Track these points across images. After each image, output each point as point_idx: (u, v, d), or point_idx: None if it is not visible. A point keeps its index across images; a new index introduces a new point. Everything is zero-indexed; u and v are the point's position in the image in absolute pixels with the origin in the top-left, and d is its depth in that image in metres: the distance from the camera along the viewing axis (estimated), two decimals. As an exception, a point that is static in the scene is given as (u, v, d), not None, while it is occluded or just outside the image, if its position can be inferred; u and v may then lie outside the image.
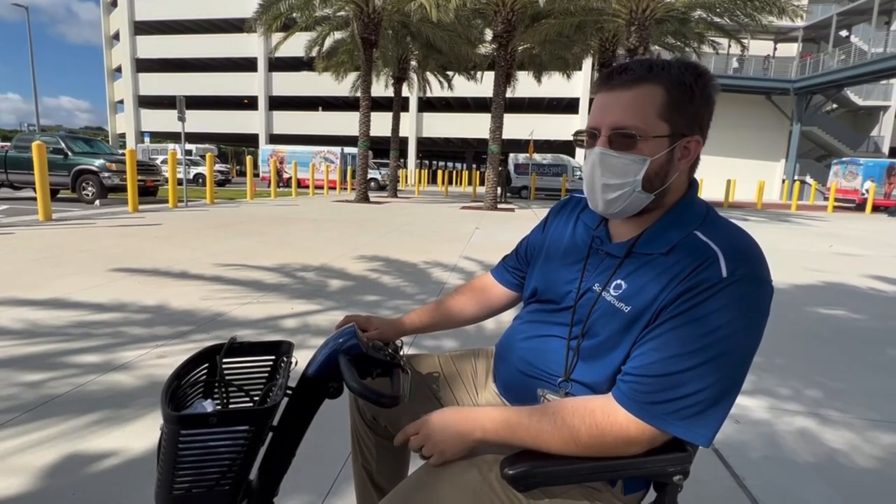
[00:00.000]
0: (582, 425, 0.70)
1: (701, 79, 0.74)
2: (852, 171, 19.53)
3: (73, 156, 11.13)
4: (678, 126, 0.74)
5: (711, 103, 0.76)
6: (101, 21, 38.56)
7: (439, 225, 8.79)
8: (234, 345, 0.89)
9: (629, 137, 0.74)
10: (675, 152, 0.75)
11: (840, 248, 7.47)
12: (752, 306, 0.69)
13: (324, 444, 1.61)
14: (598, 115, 0.78)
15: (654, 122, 0.73)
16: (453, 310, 1.10)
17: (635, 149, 0.74)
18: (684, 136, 0.75)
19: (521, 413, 0.74)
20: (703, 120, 0.76)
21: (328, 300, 3.48)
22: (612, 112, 0.75)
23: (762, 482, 1.57)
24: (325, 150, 23.75)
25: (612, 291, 0.78)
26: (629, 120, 0.73)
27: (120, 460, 1.55)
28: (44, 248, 4.95)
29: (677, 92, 0.73)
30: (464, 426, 0.75)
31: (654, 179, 0.76)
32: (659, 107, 0.73)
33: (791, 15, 12.36)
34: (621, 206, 0.78)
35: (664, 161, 0.75)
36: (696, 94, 0.73)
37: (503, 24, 12.93)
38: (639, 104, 0.73)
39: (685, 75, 0.73)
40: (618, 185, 0.76)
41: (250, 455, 0.76)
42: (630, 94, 0.74)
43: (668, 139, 0.74)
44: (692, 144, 0.76)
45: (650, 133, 0.73)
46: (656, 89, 0.73)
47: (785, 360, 2.63)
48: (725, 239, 0.73)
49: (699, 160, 0.80)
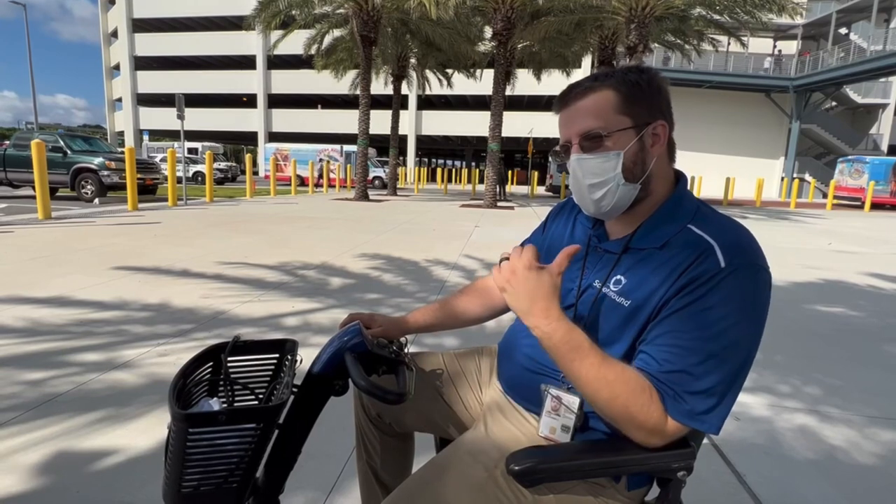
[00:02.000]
0: (631, 393, 0.69)
1: (645, 73, 0.80)
2: (858, 169, 19.51)
3: (72, 154, 11.11)
4: (638, 116, 0.79)
5: (663, 91, 0.81)
6: (100, 18, 38.44)
7: (439, 223, 8.79)
8: (238, 343, 0.89)
9: (596, 137, 0.79)
10: (645, 140, 0.79)
11: (838, 245, 7.49)
12: (753, 294, 0.71)
13: (328, 441, 1.61)
14: (564, 130, 0.84)
15: (615, 118, 0.78)
16: (457, 310, 1.11)
17: (604, 146, 0.79)
18: (648, 123, 0.79)
19: (592, 346, 0.72)
20: (661, 106, 0.81)
21: (329, 298, 3.49)
22: (575, 122, 0.81)
23: (762, 478, 1.58)
24: (329, 149, 23.74)
25: (612, 287, 0.80)
26: (592, 123, 0.79)
27: (123, 458, 1.56)
28: (44, 247, 4.95)
29: (626, 89, 0.78)
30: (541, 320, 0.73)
31: (634, 169, 0.79)
32: (614, 105, 0.78)
33: (790, 12, 12.36)
34: (611, 202, 0.80)
35: (636, 150, 0.79)
36: (643, 86, 0.79)
37: (503, 22, 12.90)
38: (596, 108, 0.79)
39: (629, 74, 0.80)
40: (601, 183, 0.80)
41: (258, 452, 0.76)
42: (585, 102, 0.80)
43: (633, 130, 0.79)
44: (659, 129, 0.80)
45: (613, 128, 0.78)
46: (607, 92, 0.79)
47: (784, 357, 2.65)
48: (719, 231, 0.75)
49: (675, 145, 0.84)
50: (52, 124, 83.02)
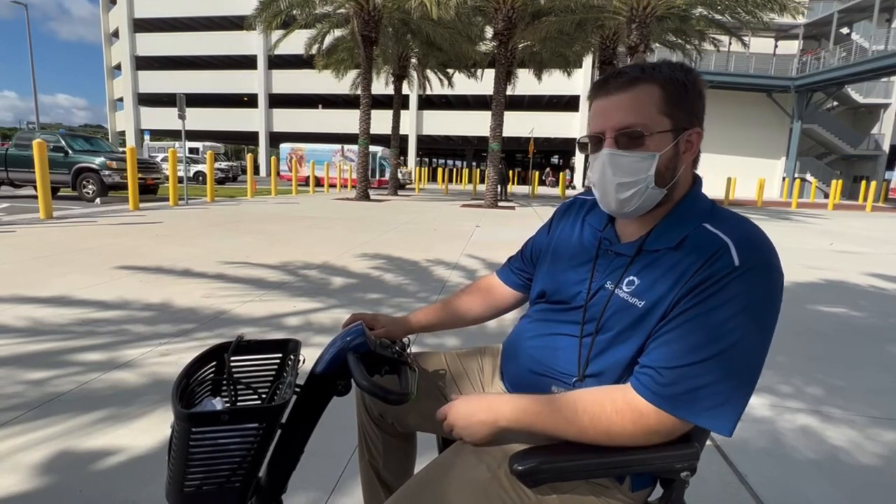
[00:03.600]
0: (602, 414, 0.71)
1: (690, 74, 0.77)
2: None
3: (73, 154, 11.12)
4: (679, 120, 0.76)
5: (703, 96, 0.79)
6: (101, 18, 38.50)
7: (440, 223, 8.79)
8: (241, 343, 0.89)
9: (636, 135, 0.75)
10: (680, 146, 0.77)
11: (840, 245, 7.48)
12: (766, 295, 0.70)
13: (330, 441, 1.61)
14: (599, 119, 0.79)
15: (657, 118, 0.75)
16: (460, 309, 1.11)
17: (643, 146, 0.76)
18: (686, 129, 0.77)
19: (541, 402, 0.75)
20: (699, 112, 0.79)
21: (331, 298, 3.49)
22: (614, 114, 0.77)
23: (764, 479, 1.58)
24: (346, 149, 23.50)
25: (624, 288, 0.79)
26: (633, 118, 0.75)
27: (125, 458, 1.56)
28: (45, 246, 4.95)
29: (672, 88, 0.75)
30: (487, 415, 0.76)
31: (665, 174, 0.77)
32: (658, 103, 0.75)
33: (792, 12, 12.34)
34: (637, 204, 0.79)
35: (671, 155, 0.77)
36: (689, 88, 0.76)
37: (504, 22, 12.90)
38: (639, 103, 0.75)
39: (676, 72, 0.76)
40: (631, 184, 0.77)
41: (260, 452, 0.76)
42: (628, 94, 0.76)
43: (671, 133, 0.76)
44: (694, 137, 0.78)
45: (654, 129, 0.75)
46: (653, 87, 0.75)
47: (786, 357, 2.64)
48: (734, 229, 0.74)
49: (700, 152, 0.82)
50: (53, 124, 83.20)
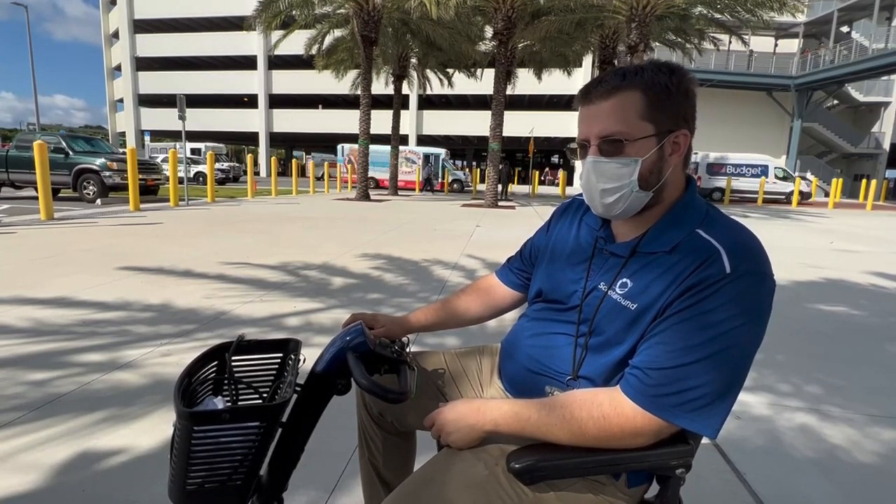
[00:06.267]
0: (590, 418, 0.72)
1: (675, 75, 0.76)
2: None
3: (73, 155, 11.13)
4: (662, 124, 0.76)
5: (691, 96, 0.79)
6: (101, 19, 38.50)
7: (440, 223, 8.79)
8: (242, 343, 0.90)
9: (617, 143, 0.77)
10: (665, 149, 0.78)
11: (840, 244, 7.48)
12: (756, 301, 0.70)
13: (331, 440, 1.62)
14: (584, 127, 0.81)
15: (638, 124, 0.76)
16: (459, 309, 1.12)
17: (624, 152, 0.77)
18: (671, 131, 0.77)
19: (530, 406, 0.76)
20: (686, 113, 0.78)
21: (331, 298, 3.50)
22: (597, 122, 0.78)
23: (762, 477, 1.59)
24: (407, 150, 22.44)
25: (617, 290, 0.80)
26: (613, 126, 0.76)
27: (127, 457, 1.57)
28: (46, 247, 4.96)
29: (654, 92, 0.75)
30: (475, 418, 0.78)
31: (650, 177, 0.78)
32: (639, 109, 0.75)
33: (792, 10, 12.36)
34: (622, 207, 0.80)
35: (655, 159, 0.77)
36: (672, 90, 0.76)
37: (503, 21, 12.90)
38: (620, 110, 0.76)
39: (658, 75, 0.76)
40: (614, 189, 0.79)
41: (261, 451, 0.77)
42: (609, 102, 0.77)
43: (654, 138, 0.76)
44: (681, 138, 0.78)
45: (635, 135, 0.76)
46: (634, 94, 0.75)
47: (785, 356, 2.65)
48: (727, 236, 0.75)
49: (691, 152, 0.82)
50: (53, 125, 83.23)
